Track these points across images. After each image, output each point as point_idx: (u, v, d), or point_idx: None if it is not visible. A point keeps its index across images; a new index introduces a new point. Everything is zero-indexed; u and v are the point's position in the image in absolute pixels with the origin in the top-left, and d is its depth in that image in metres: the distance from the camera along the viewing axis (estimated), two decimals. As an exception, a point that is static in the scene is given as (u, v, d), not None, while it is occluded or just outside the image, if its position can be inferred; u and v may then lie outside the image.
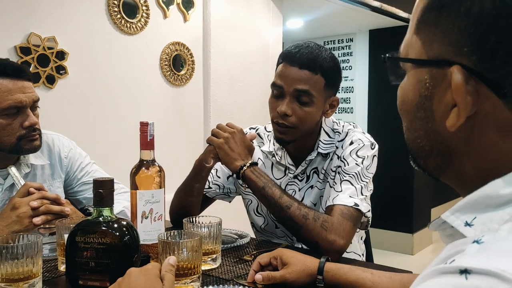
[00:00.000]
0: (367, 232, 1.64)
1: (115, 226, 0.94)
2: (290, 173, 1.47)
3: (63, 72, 2.23)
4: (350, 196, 1.28)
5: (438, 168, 0.55)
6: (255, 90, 3.16)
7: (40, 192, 1.24)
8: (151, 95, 2.65)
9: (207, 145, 1.39)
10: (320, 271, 1.00)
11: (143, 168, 1.11)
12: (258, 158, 1.51)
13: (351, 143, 1.38)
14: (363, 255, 1.55)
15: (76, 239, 0.93)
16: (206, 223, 1.17)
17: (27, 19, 2.10)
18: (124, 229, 0.95)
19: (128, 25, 2.48)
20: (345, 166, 1.35)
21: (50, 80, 2.19)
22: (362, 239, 1.58)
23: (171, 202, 1.49)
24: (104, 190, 0.94)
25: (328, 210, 1.29)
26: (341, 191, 1.30)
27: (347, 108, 4.83)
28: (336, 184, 1.33)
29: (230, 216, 1.57)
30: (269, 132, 1.53)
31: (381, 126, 4.36)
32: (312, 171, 1.45)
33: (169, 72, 2.71)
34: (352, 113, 4.80)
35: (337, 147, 1.41)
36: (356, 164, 1.34)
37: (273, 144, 1.49)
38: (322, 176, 1.43)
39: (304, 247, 1.30)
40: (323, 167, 1.43)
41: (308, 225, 1.22)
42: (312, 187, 1.45)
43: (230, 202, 1.61)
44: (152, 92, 2.65)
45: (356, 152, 1.36)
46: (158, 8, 2.64)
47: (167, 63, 2.70)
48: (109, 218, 0.95)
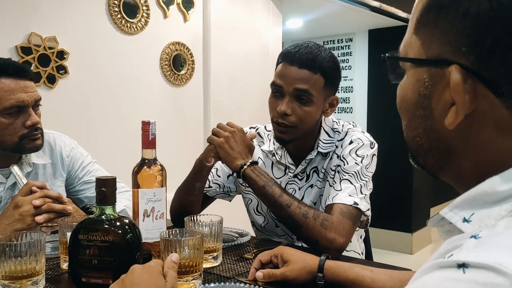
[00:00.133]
0: (366, 231, 1.65)
1: (118, 224, 0.95)
2: (290, 172, 1.48)
3: (63, 72, 2.24)
4: (349, 195, 1.29)
5: (436, 165, 0.56)
6: (255, 89, 3.17)
7: (43, 190, 1.25)
8: (151, 94, 2.66)
9: (207, 144, 1.40)
10: (320, 269, 1.00)
11: (145, 167, 1.12)
12: (258, 157, 1.52)
13: (350, 142, 1.39)
14: (362, 253, 1.56)
15: (79, 237, 0.94)
16: (207, 221, 1.18)
17: (28, 19, 2.10)
18: (126, 227, 0.96)
19: (129, 25, 2.49)
20: (344, 165, 1.36)
21: (51, 80, 2.20)
22: (361, 238, 1.59)
23: (172, 201, 1.50)
24: (107, 188, 0.95)
25: (327, 209, 1.30)
26: (340, 190, 1.31)
27: (347, 107, 4.84)
28: (335, 183, 1.34)
29: (230, 215, 1.57)
30: (269, 131, 1.54)
31: (380, 125, 4.37)
32: (312, 170, 1.46)
33: (169, 72, 2.72)
34: (351, 112, 4.81)
35: (336, 146, 1.42)
36: (355, 163, 1.35)
37: (273, 143, 1.50)
38: (321, 175, 1.44)
39: (304, 245, 1.31)
40: (323, 166, 1.44)
41: (308, 223, 1.23)
42: (312, 186, 1.45)
43: (230, 201, 1.62)
44: (152, 92, 2.66)
45: (356, 151, 1.37)
46: (158, 8, 2.65)
47: (167, 63, 2.71)
48: (111, 216, 0.96)
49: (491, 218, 0.45)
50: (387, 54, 0.59)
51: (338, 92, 1.46)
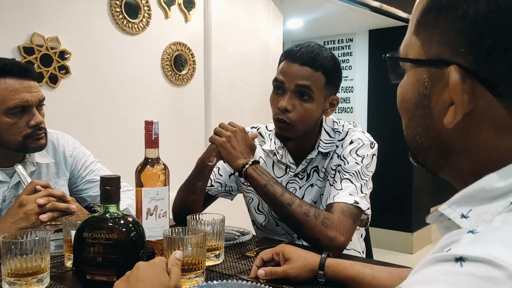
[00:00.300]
0: (367, 230, 1.66)
1: (122, 222, 0.96)
2: (291, 171, 1.49)
3: (65, 72, 2.26)
4: (350, 194, 1.30)
5: (436, 163, 0.57)
6: (255, 89, 3.18)
7: (47, 189, 1.26)
8: (153, 94, 2.67)
9: (209, 144, 1.41)
10: (321, 267, 1.02)
11: (148, 166, 1.13)
12: (260, 156, 1.53)
13: (351, 142, 1.40)
14: (363, 252, 1.57)
15: (83, 235, 0.95)
16: (210, 220, 1.19)
17: (30, 19, 2.12)
18: (130, 225, 0.97)
19: (130, 25, 2.50)
20: (345, 165, 1.37)
21: (53, 80, 2.21)
22: (362, 236, 1.60)
23: (174, 200, 1.51)
24: (111, 187, 0.96)
25: (328, 208, 1.31)
26: (341, 189, 1.32)
27: (347, 107, 4.86)
28: (336, 182, 1.36)
29: (231, 213, 1.58)
30: (270, 131, 1.56)
31: (380, 125, 4.38)
32: (313, 170, 1.47)
33: (170, 72, 2.73)
34: (351, 112, 4.82)
35: (337, 146, 1.44)
36: (356, 163, 1.36)
37: (274, 143, 1.51)
38: (322, 175, 1.45)
39: (305, 243, 1.33)
40: (323, 166, 1.45)
41: (309, 222, 1.24)
42: (312, 185, 1.47)
43: (231, 200, 1.63)
44: (153, 92, 2.67)
45: (356, 151, 1.38)
46: (160, 9, 2.66)
47: (168, 63, 2.72)
48: (115, 215, 0.97)
49: (488, 214, 0.46)
50: (387, 55, 0.60)
51: (338, 92, 1.47)
